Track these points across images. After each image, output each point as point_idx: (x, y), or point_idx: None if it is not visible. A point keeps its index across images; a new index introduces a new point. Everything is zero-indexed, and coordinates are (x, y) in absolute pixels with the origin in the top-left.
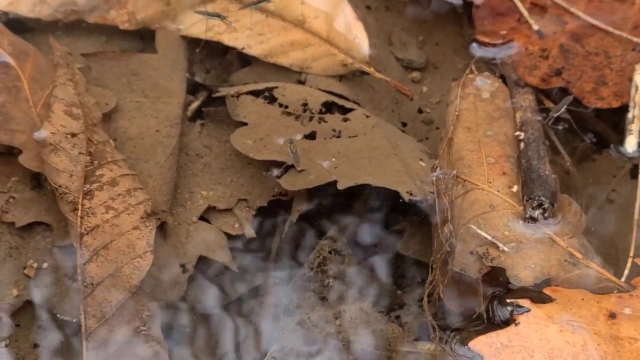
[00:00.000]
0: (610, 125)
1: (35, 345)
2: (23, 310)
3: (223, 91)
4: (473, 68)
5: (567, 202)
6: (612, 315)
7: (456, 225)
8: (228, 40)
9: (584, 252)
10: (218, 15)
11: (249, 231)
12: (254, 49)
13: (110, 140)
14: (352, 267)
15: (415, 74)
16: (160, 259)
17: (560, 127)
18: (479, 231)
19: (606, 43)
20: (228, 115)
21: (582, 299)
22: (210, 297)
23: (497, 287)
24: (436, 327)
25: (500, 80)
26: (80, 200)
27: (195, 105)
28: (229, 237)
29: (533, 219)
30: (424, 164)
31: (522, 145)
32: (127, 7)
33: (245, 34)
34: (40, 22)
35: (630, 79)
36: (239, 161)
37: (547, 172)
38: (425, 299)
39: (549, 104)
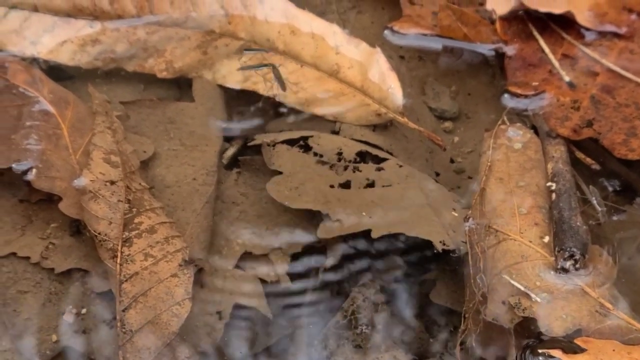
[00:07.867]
0: None
1: None
2: (62, 356)
3: (258, 139)
4: (505, 119)
5: (598, 252)
6: None
7: (488, 275)
8: (264, 89)
9: (615, 302)
10: (266, 65)
11: (284, 278)
12: (289, 98)
13: (148, 188)
14: (386, 315)
15: (448, 124)
16: (197, 305)
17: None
18: (511, 281)
19: (637, 94)
20: (264, 164)
21: (613, 350)
22: (244, 344)
23: (529, 337)
24: None
25: (532, 131)
26: (119, 248)
27: (230, 152)
28: (264, 283)
29: (564, 270)
30: (456, 214)
31: (553, 196)
32: (165, 56)
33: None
34: (80, 70)
35: None
36: (274, 209)
37: (578, 223)
38: (458, 348)
39: (580, 155)
